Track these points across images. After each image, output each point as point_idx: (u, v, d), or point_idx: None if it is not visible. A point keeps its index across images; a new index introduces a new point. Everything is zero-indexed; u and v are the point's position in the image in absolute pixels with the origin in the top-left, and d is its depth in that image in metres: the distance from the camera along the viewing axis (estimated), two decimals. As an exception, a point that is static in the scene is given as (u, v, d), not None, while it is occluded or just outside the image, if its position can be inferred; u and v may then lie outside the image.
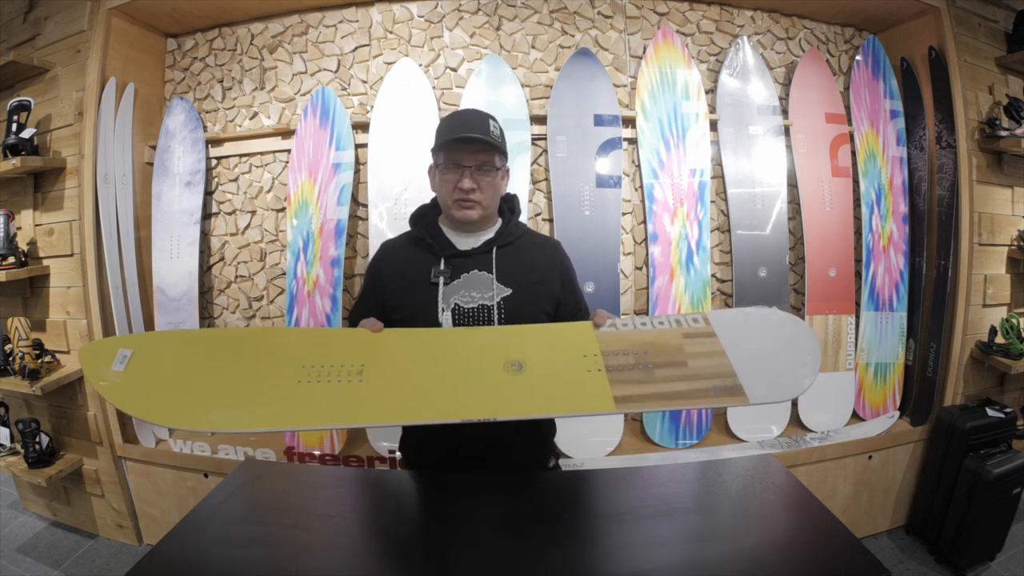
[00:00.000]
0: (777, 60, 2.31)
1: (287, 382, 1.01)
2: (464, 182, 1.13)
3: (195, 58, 2.32)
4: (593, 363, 1.04)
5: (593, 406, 0.99)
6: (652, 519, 1.05)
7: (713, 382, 1.01)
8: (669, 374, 1.03)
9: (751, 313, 1.17)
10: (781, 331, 1.12)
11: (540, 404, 1.01)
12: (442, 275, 1.15)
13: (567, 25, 2.17)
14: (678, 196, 2.12)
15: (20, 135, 1.99)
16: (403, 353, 1.07)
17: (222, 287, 2.32)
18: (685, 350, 1.06)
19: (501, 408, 0.98)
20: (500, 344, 1.08)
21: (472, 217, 1.16)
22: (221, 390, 1.00)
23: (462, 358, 1.06)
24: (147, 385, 0.99)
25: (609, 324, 1.12)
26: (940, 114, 2.20)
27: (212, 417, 0.97)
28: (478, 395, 1.00)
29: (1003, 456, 1.97)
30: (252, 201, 2.27)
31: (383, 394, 1.00)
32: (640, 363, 1.04)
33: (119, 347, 1.02)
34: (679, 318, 1.13)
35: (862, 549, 0.93)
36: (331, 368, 1.02)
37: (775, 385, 1.03)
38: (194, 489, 2.09)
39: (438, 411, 0.98)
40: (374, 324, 1.11)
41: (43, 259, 2.16)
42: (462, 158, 1.13)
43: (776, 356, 1.08)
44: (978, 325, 2.19)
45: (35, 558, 2.15)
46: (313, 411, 0.98)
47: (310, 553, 0.96)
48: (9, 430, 2.21)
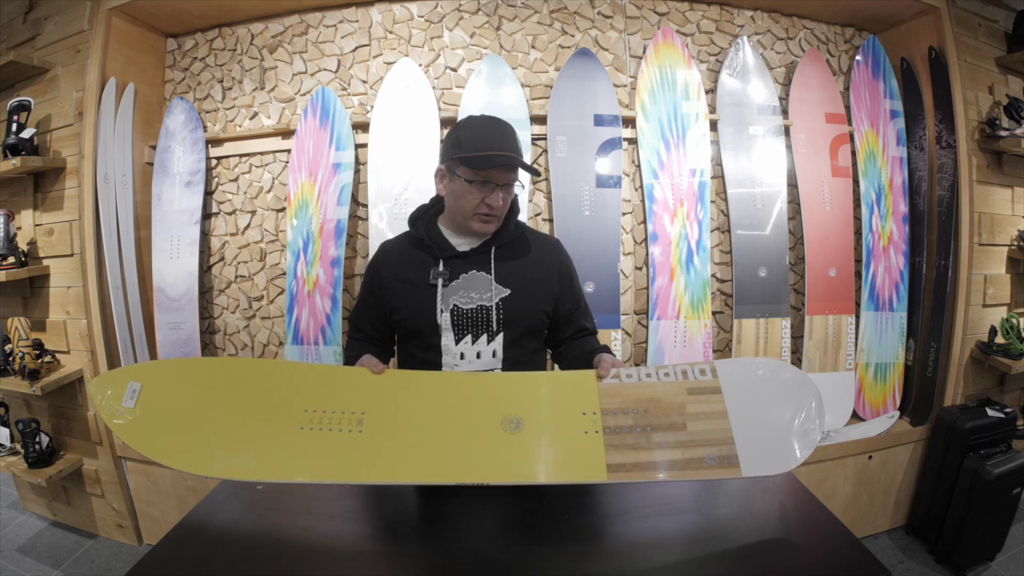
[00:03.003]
0: (777, 60, 2.31)
1: (290, 427, 1.04)
2: (495, 200, 1.11)
3: (195, 58, 2.32)
4: (591, 423, 1.04)
5: (586, 475, 1.00)
6: (652, 519, 1.05)
7: (709, 451, 1.01)
8: (666, 439, 1.02)
9: (761, 365, 1.15)
10: (788, 391, 1.09)
11: (533, 471, 1.04)
12: (440, 276, 1.15)
13: (567, 25, 2.17)
14: (678, 196, 2.12)
15: (20, 135, 1.99)
16: (403, 402, 1.08)
17: (222, 287, 2.32)
18: (687, 410, 1.05)
19: (497, 473, 1.00)
20: (501, 393, 1.09)
21: (491, 231, 1.16)
22: (227, 432, 1.03)
23: (462, 409, 1.07)
24: (157, 423, 1.03)
25: (613, 375, 1.09)
26: (940, 114, 2.20)
27: (219, 463, 1.01)
28: (475, 456, 1.02)
29: (1003, 456, 1.97)
30: (252, 201, 2.27)
31: (382, 449, 1.03)
32: (639, 424, 1.04)
33: (128, 379, 1.05)
34: (686, 368, 1.11)
35: (862, 549, 0.93)
36: (332, 415, 1.05)
37: (771, 456, 1.02)
38: (194, 489, 2.09)
39: (435, 472, 1.01)
40: (376, 365, 1.10)
41: (43, 259, 2.16)
42: (495, 176, 1.11)
43: (778, 422, 1.06)
44: (978, 325, 2.19)
45: (35, 558, 2.15)
46: (315, 464, 1.01)
47: (310, 553, 0.97)
48: (9, 430, 2.21)
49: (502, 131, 1.14)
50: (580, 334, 1.27)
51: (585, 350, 1.21)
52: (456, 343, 1.15)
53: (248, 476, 1.01)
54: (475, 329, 1.15)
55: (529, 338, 1.21)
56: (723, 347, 2.25)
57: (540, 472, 1.04)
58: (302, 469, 1.01)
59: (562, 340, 1.27)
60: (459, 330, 1.15)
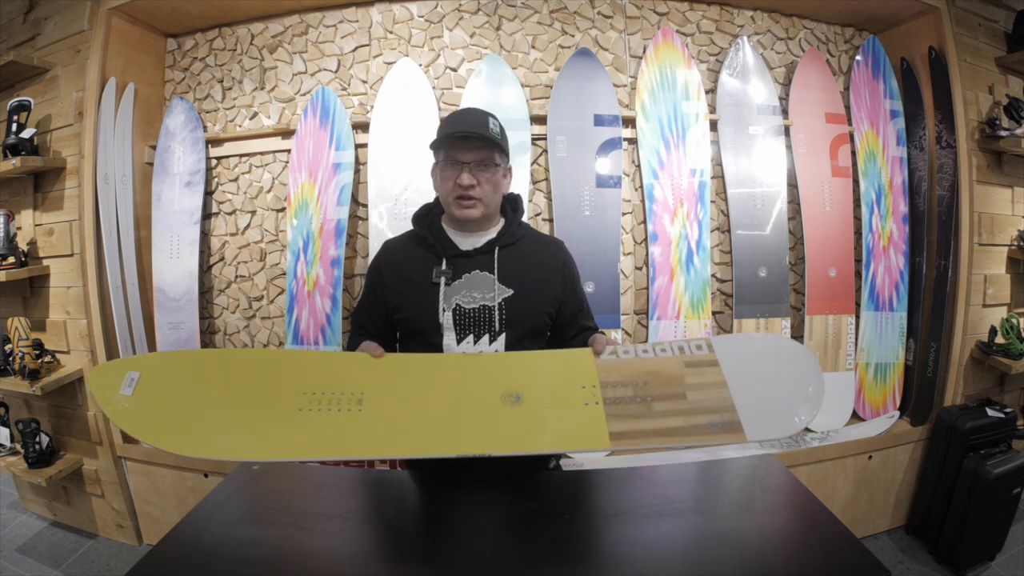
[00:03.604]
0: (777, 60, 2.31)
1: (289, 409, 1.02)
2: (463, 178, 1.12)
3: (195, 58, 2.32)
4: (591, 395, 1.04)
5: (589, 443, 1.00)
6: (652, 519, 1.05)
7: (711, 417, 1.01)
8: (667, 408, 1.02)
9: (758, 340, 1.15)
10: (787, 361, 1.10)
11: (536, 440, 1.03)
12: (443, 275, 1.15)
13: (567, 25, 2.17)
14: (678, 196, 2.12)
15: (20, 135, 1.99)
16: (402, 381, 1.08)
17: (222, 287, 2.32)
18: (686, 380, 1.06)
19: (498, 443, 0.99)
20: (499, 372, 1.09)
21: (473, 216, 1.15)
22: (225, 416, 1.02)
23: (461, 387, 1.07)
24: (154, 409, 1.01)
25: (610, 351, 1.10)
26: (940, 114, 2.20)
27: (216, 444, 0.99)
28: (476, 428, 1.01)
29: (1003, 456, 1.97)
30: (252, 201, 2.27)
31: (382, 425, 1.02)
32: (639, 395, 1.04)
33: (127, 369, 1.04)
34: (682, 344, 1.11)
35: (862, 549, 0.93)
36: (331, 396, 1.04)
37: (774, 421, 1.02)
38: (194, 489, 2.09)
39: (436, 445, 1.00)
40: (375, 349, 1.11)
41: (43, 259, 2.16)
42: (461, 154, 1.13)
43: (778, 389, 1.06)
44: (978, 325, 2.19)
45: (35, 558, 2.15)
46: (314, 442, 1.00)
47: (310, 553, 0.96)
48: (9, 430, 2.21)
49: (469, 114, 1.16)
50: (582, 334, 1.27)
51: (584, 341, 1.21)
52: (458, 343, 1.15)
53: (246, 456, 1.00)
54: (477, 329, 1.15)
55: (531, 339, 1.20)
56: (723, 347, 2.25)
57: (543, 442, 1.02)
58: (301, 447, 1.00)
59: (564, 341, 1.27)
60: (461, 329, 1.15)
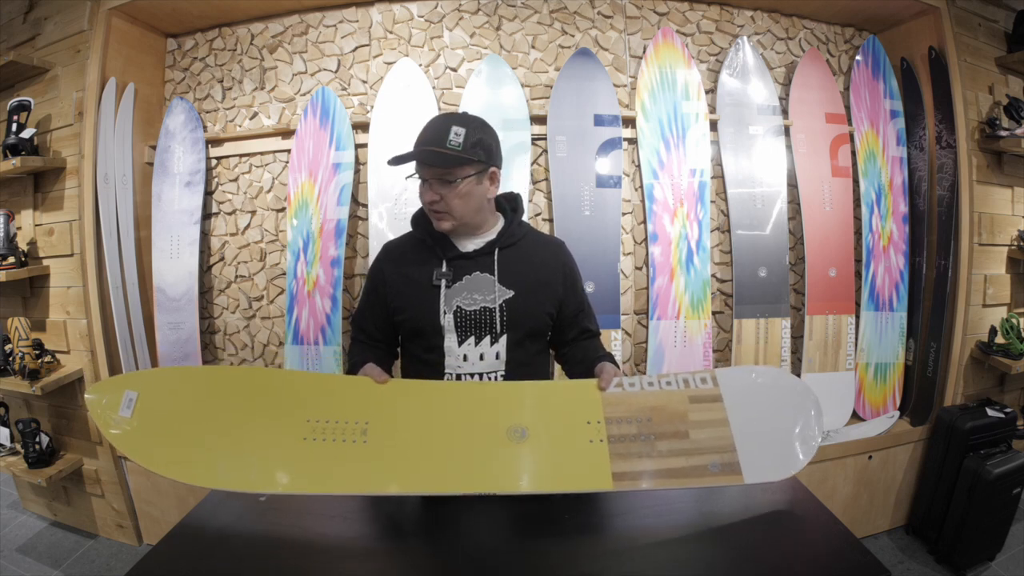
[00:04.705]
0: (777, 60, 2.31)
1: (292, 438, 1.02)
2: (426, 194, 1.12)
3: (195, 58, 2.32)
4: (596, 432, 1.05)
5: (592, 483, 1.01)
6: (652, 519, 1.05)
7: (712, 458, 1.03)
8: (670, 447, 1.04)
9: (761, 374, 1.16)
10: (787, 399, 1.12)
11: (540, 480, 1.04)
12: (444, 278, 1.14)
13: (567, 25, 2.17)
14: (678, 196, 2.12)
15: (20, 135, 1.99)
16: (407, 411, 1.08)
17: (222, 287, 2.32)
18: (689, 418, 1.07)
19: (503, 482, 1.01)
20: (505, 403, 1.09)
21: (444, 228, 1.14)
22: (228, 443, 1.01)
23: (467, 418, 1.07)
24: (155, 433, 1.01)
25: (616, 384, 1.10)
26: (940, 114, 2.20)
27: (221, 474, 0.99)
28: (480, 465, 1.02)
29: (1003, 456, 1.97)
30: (252, 201, 2.27)
31: (387, 459, 1.02)
32: (642, 433, 1.05)
33: (124, 388, 1.03)
34: (687, 377, 1.13)
35: (862, 549, 0.93)
36: (336, 425, 1.04)
37: (772, 463, 1.04)
38: (194, 489, 2.04)
39: (442, 483, 1.01)
40: (379, 375, 1.10)
41: (43, 259, 2.16)
42: (421, 171, 1.12)
43: (778, 428, 1.08)
44: (978, 325, 2.19)
45: (35, 558, 2.15)
46: (319, 476, 1.00)
47: (310, 553, 0.97)
48: (9, 430, 2.21)
49: (428, 129, 1.12)
50: (584, 336, 1.27)
51: (588, 355, 1.21)
52: (459, 345, 1.15)
53: (251, 488, 1.00)
54: (478, 331, 1.15)
55: (532, 340, 1.20)
56: (723, 347, 2.25)
57: (547, 481, 1.04)
58: (307, 481, 1.00)
59: (565, 342, 1.27)
60: (462, 331, 1.14)
